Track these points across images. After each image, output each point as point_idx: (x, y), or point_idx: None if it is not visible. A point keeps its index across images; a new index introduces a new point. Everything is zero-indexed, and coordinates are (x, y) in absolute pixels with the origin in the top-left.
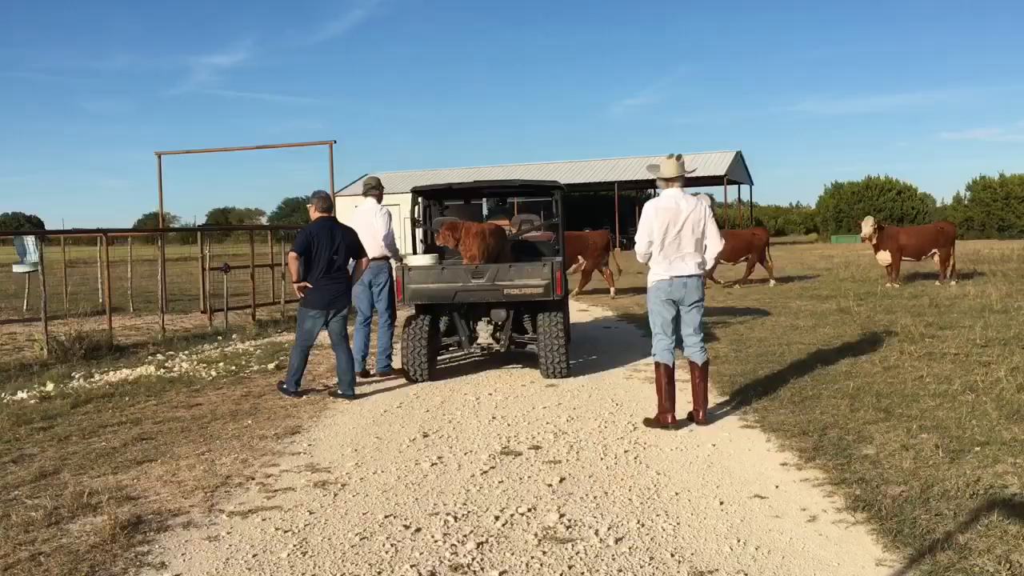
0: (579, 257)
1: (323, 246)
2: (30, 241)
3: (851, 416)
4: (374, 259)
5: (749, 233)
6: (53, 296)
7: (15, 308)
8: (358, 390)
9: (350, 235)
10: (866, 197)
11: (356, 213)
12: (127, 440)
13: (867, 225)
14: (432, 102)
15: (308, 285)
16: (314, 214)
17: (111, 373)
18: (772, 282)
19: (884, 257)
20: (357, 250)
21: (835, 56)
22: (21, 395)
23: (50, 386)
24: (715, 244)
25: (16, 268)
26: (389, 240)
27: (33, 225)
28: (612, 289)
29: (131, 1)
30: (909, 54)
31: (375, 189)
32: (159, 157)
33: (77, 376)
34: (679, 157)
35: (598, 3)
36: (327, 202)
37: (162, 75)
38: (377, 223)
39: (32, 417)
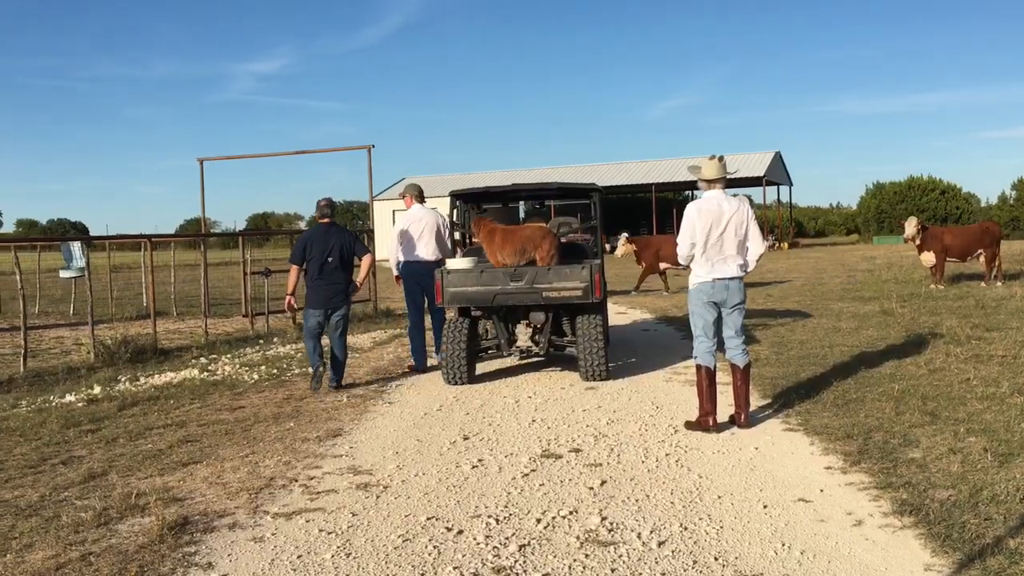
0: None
1: (316, 250)
2: (76, 247)
3: (896, 419)
4: (428, 261)
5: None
6: (99, 301)
7: (62, 313)
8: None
9: (344, 238)
10: (908, 197)
11: (405, 217)
12: (173, 442)
13: (910, 226)
14: (468, 105)
15: (293, 301)
16: (317, 220)
17: (156, 376)
18: (665, 292)
19: (928, 258)
20: (352, 251)
21: (874, 54)
22: (69, 398)
23: (97, 389)
24: (757, 246)
25: (63, 273)
26: (443, 243)
27: (78, 231)
28: (665, 290)
29: (173, 11)
30: (950, 51)
31: (420, 194)
32: (201, 163)
33: (123, 379)
34: (720, 158)
35: (635, 4)
36: (325, 209)
37: (203, 82)
38: (429, 226)
39: (80, 420)
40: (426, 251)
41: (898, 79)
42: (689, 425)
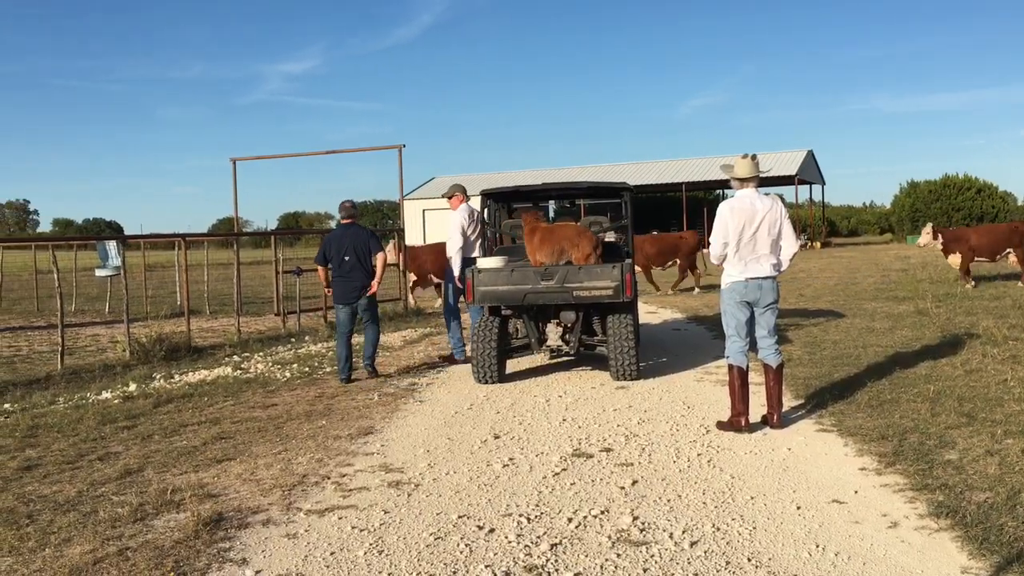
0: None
1: (335, 250)
2: (112, 246)
3: (932, 420)
4: (468, 259)
5: (676, 237)
6: (133, 299)
7: (98, 311)
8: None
9: (359, 238)
10: (944, 196)
11: (451, 216)
12: (207, 439)
13: (925, 235)
14: (497, 104)
15: (329, 292)
16: (341, 221)
17: (190, 374)
18: (696, 290)
19: (956, 260)
20: (368, 250)
21: (907, 51)
22: (105, 395)
23: (132, 386)
24: (790, 245)
25: (98, 272)
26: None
27: (113, 230)
28: (696, 288)
29: (206, 13)
30: (986, 48)
31: (464, 192)
32: (234, 163)
33: (158, 377)
34: (753, 157)
35: (664, 3)
36: (347, 211)
37: (235, 83)
38: (471, 225)
39: (116, 416)
40: (479, 249)
41: (933, 76)
42: (721, 425)
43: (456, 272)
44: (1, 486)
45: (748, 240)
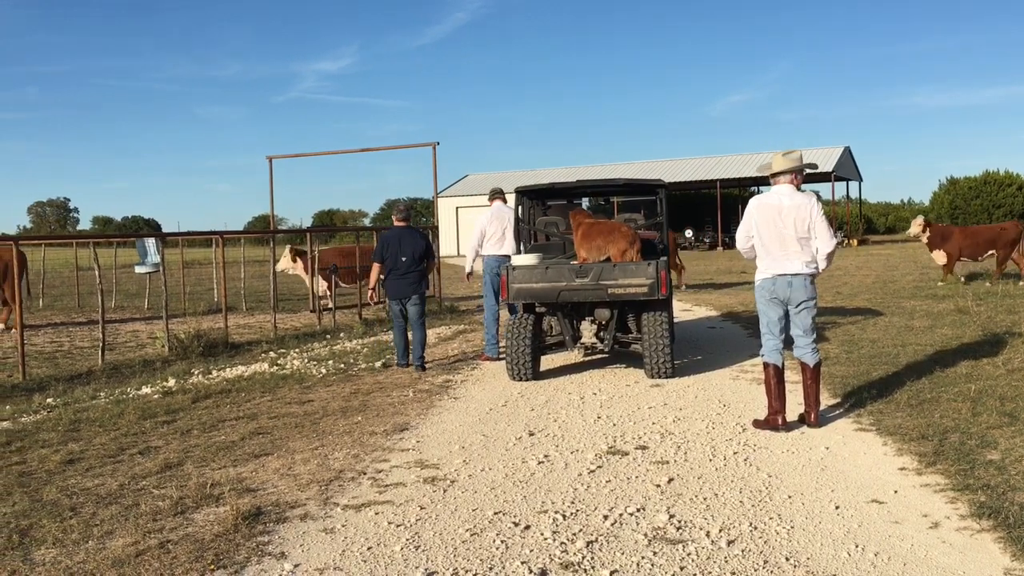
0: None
1: (392, 250)
2: (151, 243)
3: (973, 420)
4: (497, 255)
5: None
6: (171, 296)
7: (137, 307)
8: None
9: (418, 241)
10: (984, 192)
11: (489, 214)
12: (245, 434)
13: (915, 225)
14: (530, 102)
15: (374, 294)
16: (396, 222)
17: (227, 370)
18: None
19: (939, 257)
20: (423, 254)
21: (946, 47)
22: (145, 390)
23: (171, 382)
24: (823, 243)
25: (138, 269)
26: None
27: (151, 228)
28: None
29: (243, 12)
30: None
31: (500, 194)
32: (270, 161)
33: (196, 372)
34: (789, 152)
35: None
36: (404, 212)
37: (271, 82)
38: (496, 223)
39: (156, 411)
40: (507, 247)
41: (975, 71)
42: (758, 424)
43: (467, 269)
44: (45, 479)
45: (775, 236)
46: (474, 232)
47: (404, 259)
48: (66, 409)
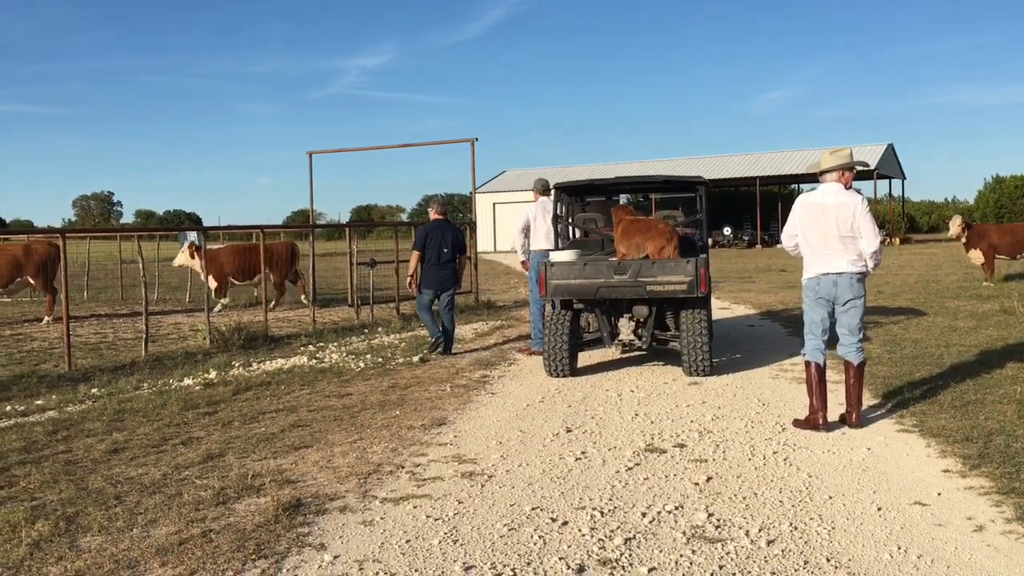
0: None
1: (435, 242)
2: (193, 237)
3: (1019, 423)
4: (543, 250)
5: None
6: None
7: (178, 300)
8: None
9: (458, 235)
10: None
11: (528, 209)
12: (284, 426)
13: (955, 226)
14: (569, 98)
15: (414, 283)
16: (432, 216)
17: (267, 362)
18: (304, 298)
19: (976, 256)
20: (462, 247)
21: (995, 42)
22: (187, 381)
23: (213, 374)
24: (867, 241)
25: None
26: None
27: (192, 222)
28: None
29: (283, 8)
30: None
31: (548, 189)
32: (310, 156)
33: (237, 365)
34: (838, 150)
35: None
36: (443, 207)
37: (311, 78)
38: (545, 218)
39: (198, 402)
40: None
41: (1021, 69)
42: (798, 423)
43: (522, 256)
44: (90, 467)
45: (819, 235)
46: (520, 219)
47: (445, 250)
48: (110, 399)
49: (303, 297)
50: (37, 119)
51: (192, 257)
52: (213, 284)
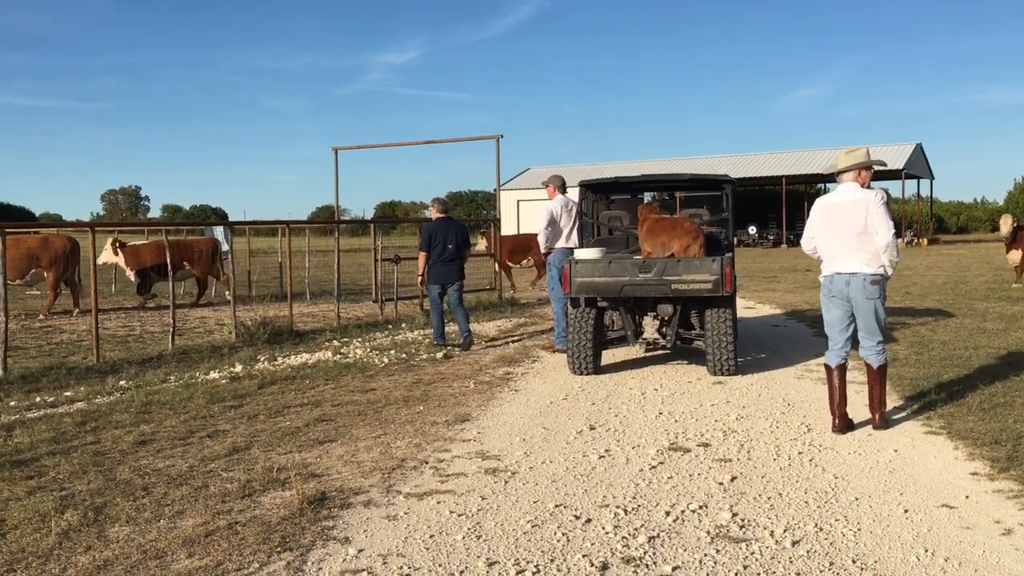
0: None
1: (439, 240)
2: (219, 231)
3: None
4: (565, 248)
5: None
6: (237, 283)
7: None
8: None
9: (458, 231)
10: None
11: (560, 204)
12: (309, 420)
13: (1005, 225)
14: (593, 96)
15: (423, 280)
16: (435, 215)
17: (292, 357)
18: (228, 294)
19: (1016, 257)
20: (466, 242)
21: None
22: (213, 375)
23: (238, 367)
24: (880, 237)
25: None
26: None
27: (218, 216)
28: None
29: (311, 5)
30: None
31: (563, 184)
32: (336, 152)
33: (262, 359)
34: (854, 150)
35: None
36: (445, 205)
37: (337, 74)
38: (545, 214)
39: (224, 396)
40: (573, 240)
41: None
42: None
43: (544, 248)
44: (118, 459)
45: (831, 234)
46: (545, 214)
47: (450, 247)
48: (138, 391)
49: (227, 293)
50: (68, 114)
51: (116, 254)
52: (135, 280)
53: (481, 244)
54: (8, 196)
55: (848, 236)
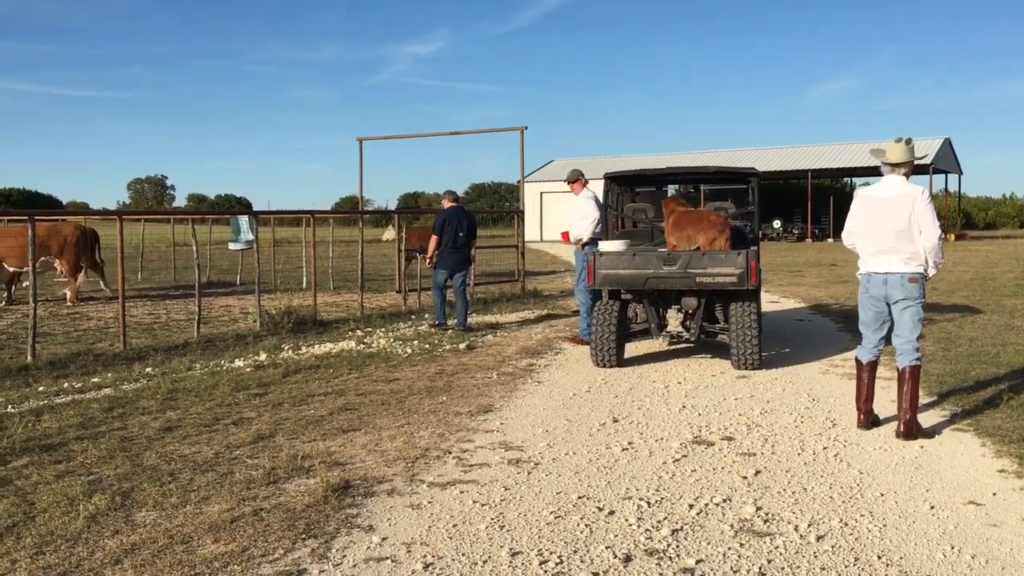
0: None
1: (452, 227)
2: (244, 221)
3: None
4: (592, 240)
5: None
6: (262, 272)
7: (229, 283)
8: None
9: (470, 220)
10: None
11: (587, 198)
12: (333, 409)
13: None
14: (618, 88)
15: (432, 262)
16: (447, 204)
17: (316, 346)
18: (105, 287)
19: None
20: (474, 232)
21: None
22: (238, 363)
23: (263, 356)
24: (926, 238)
25: (231, 246)
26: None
27: (243, 206)
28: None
29: None
30: None
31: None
32: (361, 143)
33: (286, 348)
34: (908, 141)
35: None
36: (454, 194)
37: (363, 65)
38: (592, 207)
39: (249, 384)
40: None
41: None
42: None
43: (575, 238)
44: (145, 444)
45: (871, 231)
46: (593, 204)
47: (460, 235)
48: (164, 378)
49: (103, 285)
50: (95, 103)
51: None
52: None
53: (390, 234)
54: (36, 184)
55: (888, 233)
